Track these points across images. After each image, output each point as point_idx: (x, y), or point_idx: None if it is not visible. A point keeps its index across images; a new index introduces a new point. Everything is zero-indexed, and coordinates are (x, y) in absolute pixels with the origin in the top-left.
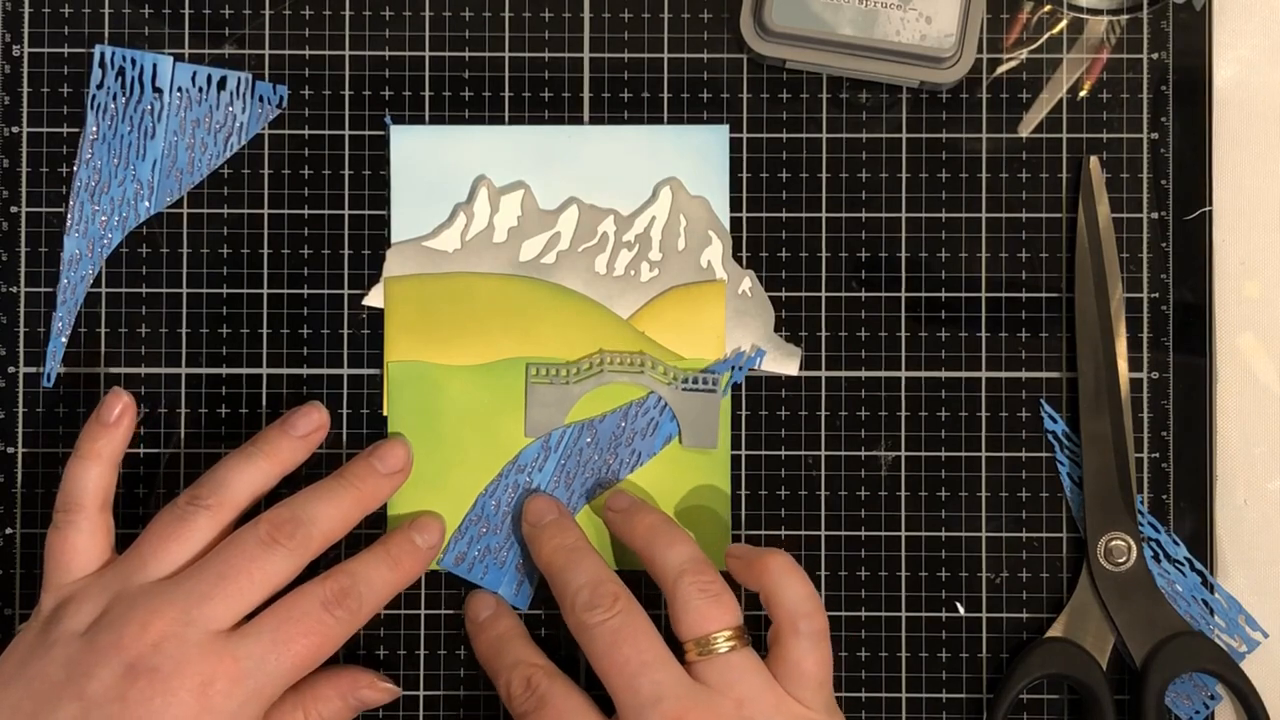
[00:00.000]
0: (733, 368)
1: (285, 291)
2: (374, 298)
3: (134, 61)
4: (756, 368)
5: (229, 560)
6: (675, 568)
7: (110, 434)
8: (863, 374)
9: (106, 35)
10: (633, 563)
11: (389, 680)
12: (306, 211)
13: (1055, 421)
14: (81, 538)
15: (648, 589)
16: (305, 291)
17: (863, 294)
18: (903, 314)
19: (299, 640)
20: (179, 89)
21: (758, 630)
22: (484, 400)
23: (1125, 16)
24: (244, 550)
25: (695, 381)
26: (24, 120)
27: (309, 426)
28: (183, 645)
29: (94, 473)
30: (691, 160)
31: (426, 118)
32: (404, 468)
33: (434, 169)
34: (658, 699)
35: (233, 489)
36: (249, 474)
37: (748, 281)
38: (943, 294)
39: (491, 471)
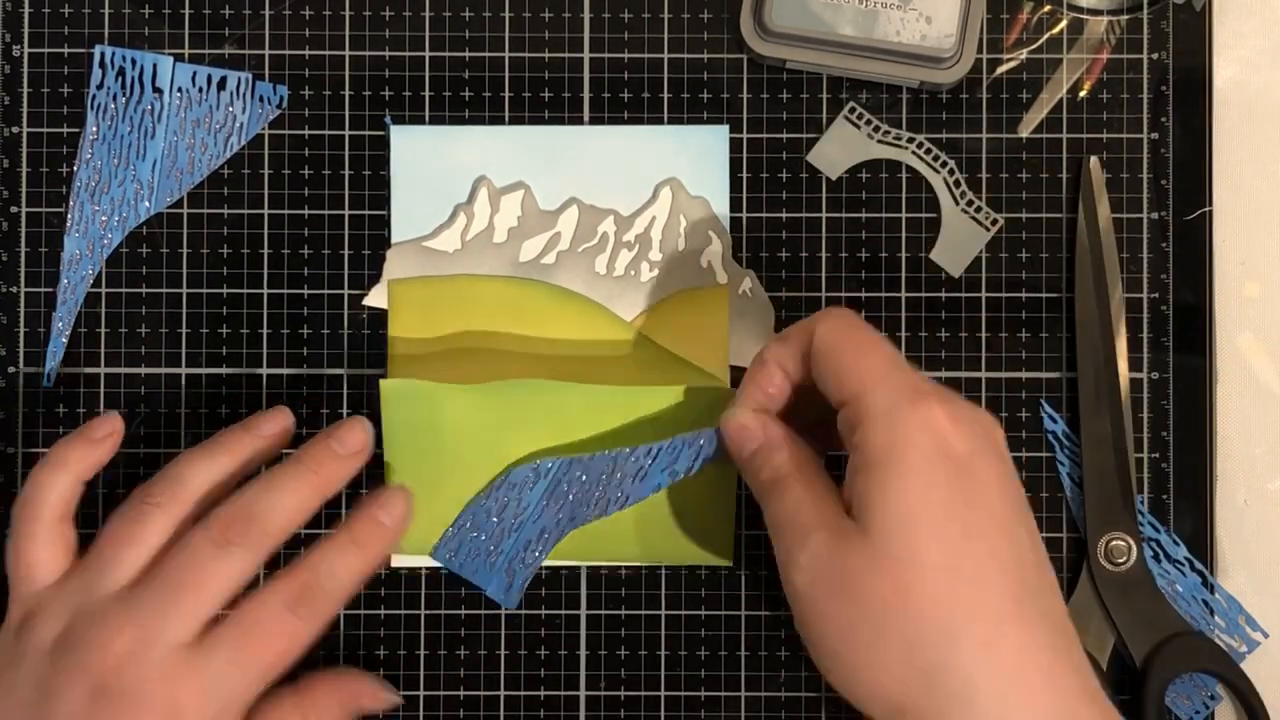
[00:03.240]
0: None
1: (285, 291)
2: (374, 298)
3: (134, 62)
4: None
5: (182, 567)
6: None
7: (90, 449)
8: None
9: (106, 35)
10: (607, 555)
11: (390, 689)
12: (306, 211)
13: (1055, 421)
14: (40, 550)
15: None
16: (305, 291)
17: (863, 294)
18: (903, 314)
19: (264, 649)
20: (179, 89)
21: None
22: (483, 421)
23: (1125, 16)
24: (196, 556)
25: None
26: (24, 120)
27: (273, 429)
28: (144, 665)
29: (61, 482)
30: (691, 160)
31: (426, 118)
32: (363, 448)
33: (434, 169)
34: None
35: (185, 485)
36: (203, 468)
37: (748, 282)
38: (943, 294)
39: (484, 482)
